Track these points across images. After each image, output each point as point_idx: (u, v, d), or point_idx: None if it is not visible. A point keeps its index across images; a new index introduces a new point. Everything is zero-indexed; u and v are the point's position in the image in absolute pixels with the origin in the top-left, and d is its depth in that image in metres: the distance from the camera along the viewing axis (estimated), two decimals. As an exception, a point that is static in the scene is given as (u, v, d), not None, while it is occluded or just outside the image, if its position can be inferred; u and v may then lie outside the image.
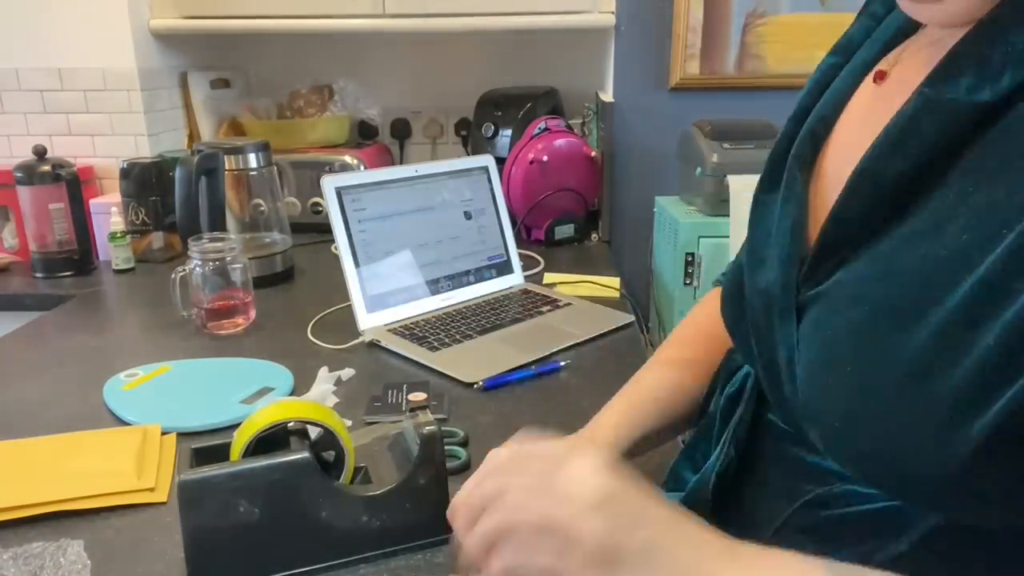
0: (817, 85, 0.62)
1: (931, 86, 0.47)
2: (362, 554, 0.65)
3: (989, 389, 0.41)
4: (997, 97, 0.44)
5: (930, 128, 0.47)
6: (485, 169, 1.35)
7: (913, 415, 0.44)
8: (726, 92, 1.73)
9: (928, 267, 0.45)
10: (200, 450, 0.65)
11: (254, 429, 0.63)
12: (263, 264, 1.41)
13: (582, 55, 1.91)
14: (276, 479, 0.61)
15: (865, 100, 0.57)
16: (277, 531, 0.62)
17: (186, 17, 1.69)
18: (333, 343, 1.13)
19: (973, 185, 0.44)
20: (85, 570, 0.65)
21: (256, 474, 0.61)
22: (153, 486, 0.77)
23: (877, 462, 0.47)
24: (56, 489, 0.74)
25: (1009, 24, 0.45)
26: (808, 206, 0.56)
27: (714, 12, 1.67)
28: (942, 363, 0.42)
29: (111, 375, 1.01)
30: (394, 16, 1.64)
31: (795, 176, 0.58)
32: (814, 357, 0.50)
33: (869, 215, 0.49)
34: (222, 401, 0.94)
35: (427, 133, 2.01)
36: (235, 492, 0.60)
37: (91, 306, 1.36)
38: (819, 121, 0.59)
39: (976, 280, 0.42)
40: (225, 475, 0.60)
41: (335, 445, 0.66)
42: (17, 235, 1.61)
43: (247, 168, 1.42)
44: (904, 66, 0.54)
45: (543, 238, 1.66)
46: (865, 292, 0.48)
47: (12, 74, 1.63)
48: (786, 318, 0.53)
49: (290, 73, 1.96)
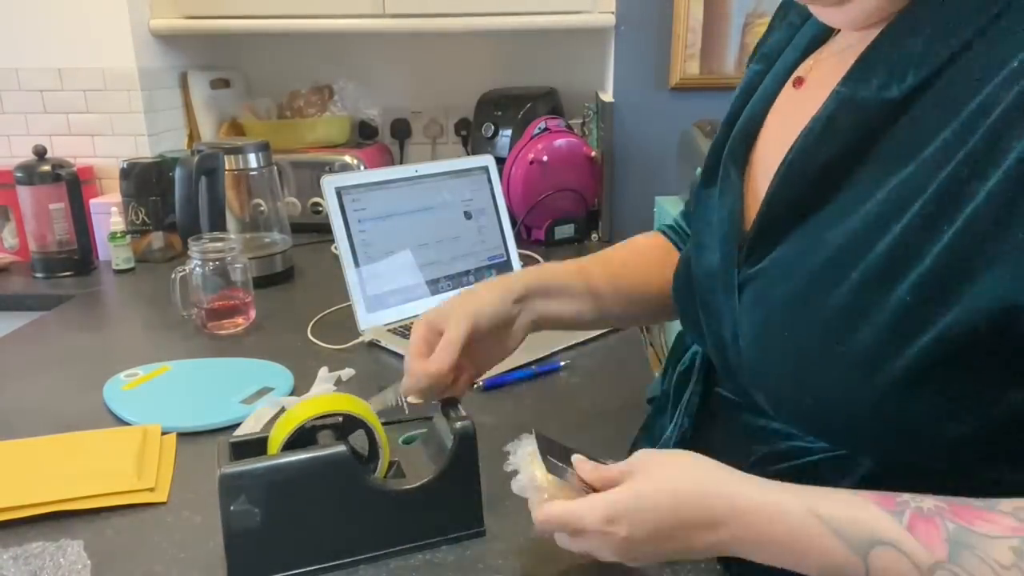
0: (744, 90, 0.70)
1: (845, 86, 0.55)
2: (395, 547, 0.66)
3: (903, 337, 0.48)
4: (903, 94, 0.51)
5: (846, 123, 0.54)
6: (485, 169, 1.35)
7: (838, 367, 0.51)
8: (726, 92, 1.71)
9: (849, 237, 0.51)
10: (237, 444, 0.66)
11: (294, 423, 0.64)
12: (263, 264, 1.41)
13: (582, 55, 1.91)
14: (313, 473, 0.62)
15: (787, 102, 0.64)
16: (313, 524, 0.63)
17: (186, 17, 1.69)
18: (333, 343, 1.13)
19: (887, 168, 0.51)
20: (85, 570, 0.65)
21: (294, 468, 0.62)
22: (153, 486, 0.77)
23: (816, 415, 0.54)
24: (56, 489, 0.74)
25: (910, 29, 0.51)
26: (743, 197, 0.63)
27: (714, 12, 1.67)
28: (860, 316, 0.50)
29: (111, 375, 1.01)
30: (394, 16, 1.64)
31: (729, 171, 0.65)
32: (755, 328, 0.57)
33: (798, 200, 0.56)
34: (222, 401, 0.94)
35: (427, 133, 2.01)
36: (273, 485, 0.61)
37: (91, 306, 1.36)
38: (748, 122, 0.66)
39: (890, 241, 0.49)
40: (264, 468, 0.61)
41: (370, 440, 0.67)
42: (17, 235, 1.60)
43: (247, 168, 1.42)
44: (819, 71, 0.62)
45: (543, 238, 1.65)
46: (796, 265, 0.55)
47: (12, 74, 1.63)
48: (729, 295, 0.60)
49: (290, 73, 1.96)
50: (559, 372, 1.03)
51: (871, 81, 0.53)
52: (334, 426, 0.66)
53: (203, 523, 0.72)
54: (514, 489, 0.59)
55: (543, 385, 0.99)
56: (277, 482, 0.61)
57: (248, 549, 0.62)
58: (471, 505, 0.68)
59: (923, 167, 0.49)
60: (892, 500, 0.47)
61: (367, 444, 0.67)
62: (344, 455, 0.62)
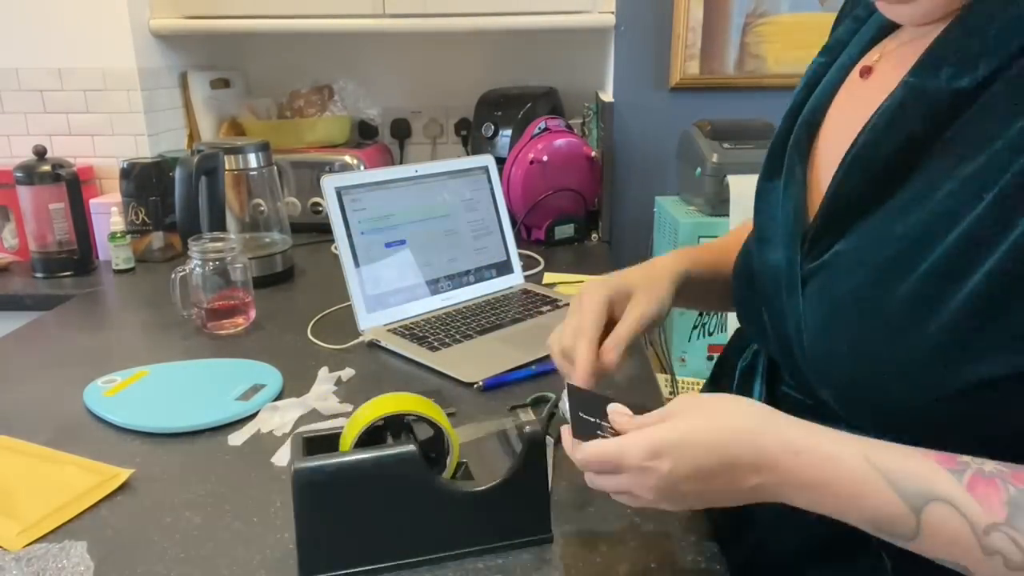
0: (808, 82, 0.69)
1: (915, 76, 0.54)
2: (463, 549, 0.66)
3: (974, 330, 0.47)
4: (974, 84, 0.50)
5: (915, 113, 0.53)
6: (485, 169, 1.35)
7: (906, 362, 0.49)
8: (726, 92, 1.73)
9: (916, 230, 0.51)
10: (311, 439, 0.67)
11: (366, 420, 0.64)
12: (263, 264, 1.41)
13: (582, 55, 1.91)
14: (384, 471, 0.63)
15: (853, 93, 0.64)
16: (382, 522, 0.64)
17: (186, 17, 1.69)
18: (333, 343, 1.13)
19: (955, 159, 0.50)
20: (88, 572, 0.64)
21: (366, 465, 0.62)
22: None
23: (885, 411, 0.52)
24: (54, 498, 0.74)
25: (982, 20, 0.51)
26: (807, 189, 0.62)
27: (714, 12, 1.67)
28: (929, 309, 0.48)
29: (109, 375, 1.01)
30: (394, 16, 1.64)
31: (795, 163, 0.64)
32: (819, 323, 0.56)
33: (863, 192, 0.55)
34: (215, 400, 0.94)
35: (427, 133, 2.01)
36: (345, 482, 0.62)
37: (91, 306, 1.36)
38: (812, 113, 0.65)
39: (958, 235, 0.48)
40: (336, 465, 0.62)
41: (440, 440, 0.67)
42: (17, 235, 1.61)
43: (247, 168, 1.42)
44: (887, 61, 0.61)
45: (543, 238, 1.66)
46: (861, 259, 0.54)
47: (12, 74, 1.63)
48: (792, 290, 0.59)
49: (290, 73, 1.96)
50: (559, 372, 1.03)
51: (941, 71, 0.52)
52: (404, 426, 0.66)
53: (203, 523, 0.72)
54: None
55: (543, 385, 0.99)
56: (346, 479, 0.62)
57: (317, 543, 0.63)
58: (539, 510, 0.67)
59: (995, 157, 0.48)
60: (954, 459, 0.47)
61: (439, 445, 0.67)
62: (412, 454, 0.63)
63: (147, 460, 0.83)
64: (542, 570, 0.65)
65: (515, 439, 0.68)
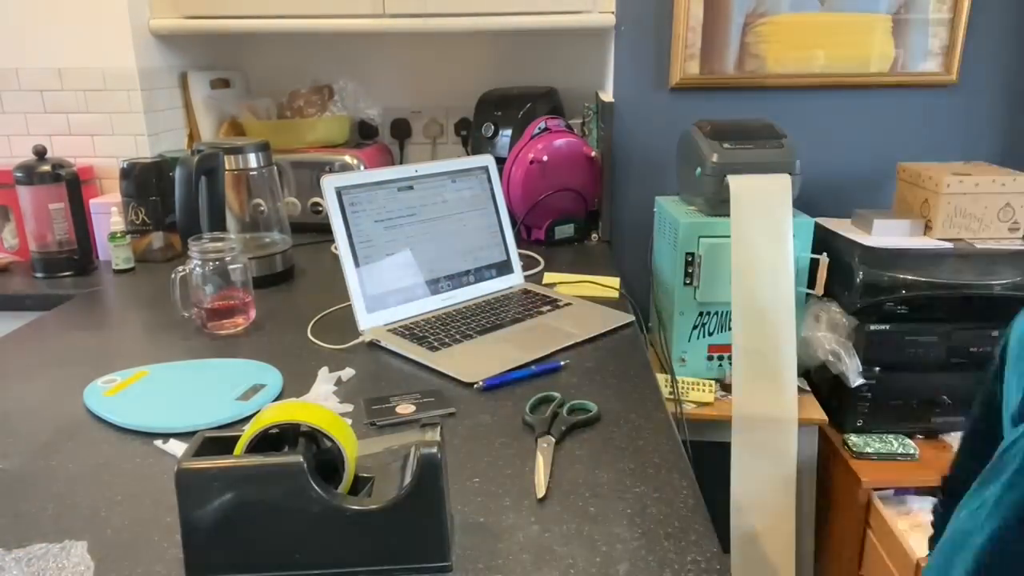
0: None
1: None
2: (347, 567, 0.64)
3: None
4: None
5: None
6: (485, 169, 1.35)
7: None
8: (726, 92, 1.73)
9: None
10: (213, 439, 0.66)
11: (258, 427, 0.64)
12: (263, 264, 1.41)
13: (582, 55, 1.91)
14: (268, 479, 0.61)
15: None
16: (268, 531, 0.62)
17: (186, 17, 1.69)
18: (333, 343, 1.13)
19: None
20: (88, 572, 0.64)
21: (249, 471, 0.61)
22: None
23: None
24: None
25: None
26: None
27: (714, 12, 1.68)
28: None
29: (109, 375, 1.01)
30: (394, 16, 1.65)
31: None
32: None
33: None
34: (216, 401, 0.94)
35: (427, 133, 2.01)
36: (228, 486, 0.61)
37: (91, 306, 1.36)
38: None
39: None
40: (219, 468, 0.61)
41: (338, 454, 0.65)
42: (17, 235, 1.61)
43: (247, 168, 1.42)
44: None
45: (543, 238, 1.66)
46: None
47: (12, 74, 1.63)
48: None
49: (290, 73, 1.96)
50: (559, 372, 1.03)
51: None
52: (311, 437, 0.65)
53: (204, 523, 0.72)
54: None
55: (543, 385, 1.00)
56: (229, 482, 0.61)
57: (202, 546, 0.62)
58: (435, 535, 0.64)
59: None
60: None
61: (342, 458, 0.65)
62: (299, 464, 0.61)
63: (147, 460, 0.83)
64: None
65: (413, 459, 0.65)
